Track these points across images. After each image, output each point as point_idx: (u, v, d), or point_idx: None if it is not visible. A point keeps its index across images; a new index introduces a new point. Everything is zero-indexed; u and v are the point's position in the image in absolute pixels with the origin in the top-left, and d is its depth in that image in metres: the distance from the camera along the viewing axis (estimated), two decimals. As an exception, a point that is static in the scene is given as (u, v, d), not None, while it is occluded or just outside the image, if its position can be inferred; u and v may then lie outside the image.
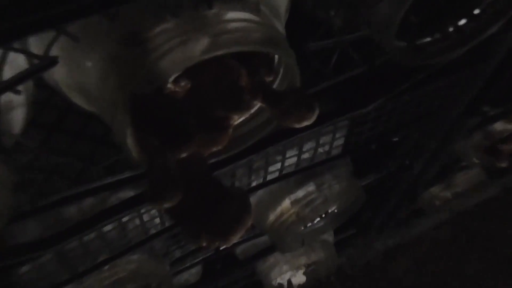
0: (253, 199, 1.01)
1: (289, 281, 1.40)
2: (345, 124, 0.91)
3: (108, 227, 0.76)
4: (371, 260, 1.93)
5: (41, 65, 0.45)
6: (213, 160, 0.61)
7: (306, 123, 0.53)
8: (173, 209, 0.49)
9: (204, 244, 0.51)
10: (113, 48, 0.48)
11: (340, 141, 0.94)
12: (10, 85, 0.45)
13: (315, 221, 1.19)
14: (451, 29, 0.75)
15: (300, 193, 1.03)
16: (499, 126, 1.32)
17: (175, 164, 0.49)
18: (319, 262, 1.41)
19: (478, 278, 1.93)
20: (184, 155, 0.50)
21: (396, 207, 1.55)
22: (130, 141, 0.50)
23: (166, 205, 0.47)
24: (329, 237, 1.38)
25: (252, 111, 0.60)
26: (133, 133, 0.49)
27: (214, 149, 0.55)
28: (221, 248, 1.13)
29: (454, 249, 2.00)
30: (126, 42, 0.47)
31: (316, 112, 0.53)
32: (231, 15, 0.49)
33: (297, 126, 0.53)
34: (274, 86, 0.58)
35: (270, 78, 0.56)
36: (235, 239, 0.51)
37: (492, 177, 1.70)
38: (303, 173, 0.96)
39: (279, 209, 1.04)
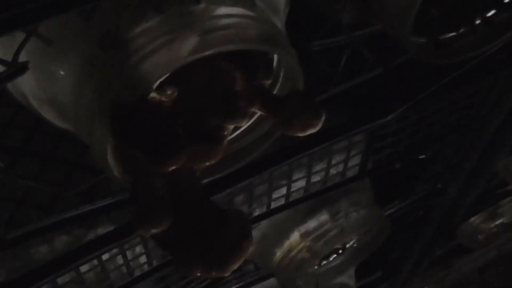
0: (256, 232, 1.03)
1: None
2: (361, 138, 0.94)
3: (85, 267, 0.79)
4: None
5: (8, 72, 0.48)
6: (206, 181, 0.64)
7: (311, 131, 0.56)
8: (162, 235, 0.53)
9: (198, 275, 0.55)
10: (90, 52, 0.51)
11: (356, 160, 0.97)
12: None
13: (331, 258, 1.22)
14: (478, 21, 0.78)
15: (311, 223, 1.05)
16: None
17: (163, 183, 0.53)
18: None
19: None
20: (172, 168, 0.53)
21: (431, 243, 1.55)
22: (111, 158, 0.54)
23: (155, 230, 0.51)
24: (349, 280, 1.39)
25: (250, 121, 0.63)
26: (114, 148, 0.53)
27: (207, 163, 0.58)
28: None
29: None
30: (104, 44, 0.51)
31: (323, 118, 0.56)
32: (222, 10, 0.52)
33: (302, 134, 0.57)
34: (275, 91, 0.62)
35: (269, 82, 0.60)
36: (233, 268, 0.54)
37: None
38: (314, 200, 0.99)
39: (286, 244, 1.06)
